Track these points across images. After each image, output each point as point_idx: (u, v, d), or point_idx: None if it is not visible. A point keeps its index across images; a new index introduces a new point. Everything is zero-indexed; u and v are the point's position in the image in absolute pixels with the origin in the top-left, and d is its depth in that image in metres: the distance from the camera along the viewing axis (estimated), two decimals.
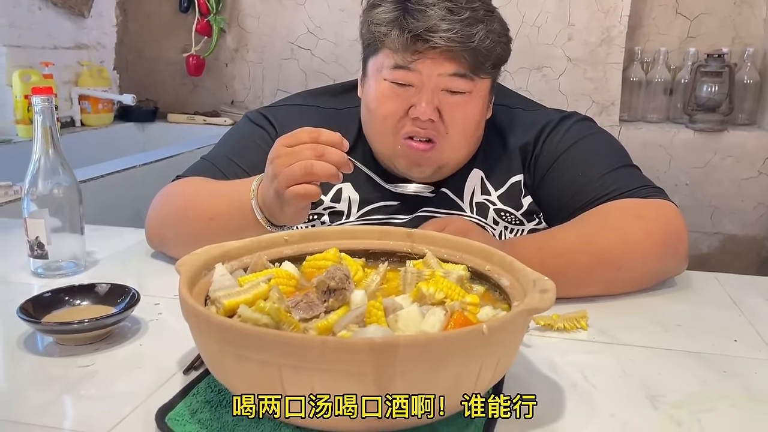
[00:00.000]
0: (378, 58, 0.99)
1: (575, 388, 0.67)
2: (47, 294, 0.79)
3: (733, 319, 0.86)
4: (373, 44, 0.99)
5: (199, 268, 0.65)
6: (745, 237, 2.34)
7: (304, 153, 0.82)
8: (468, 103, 0.98)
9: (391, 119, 0.99)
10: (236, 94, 2.74)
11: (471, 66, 0.95)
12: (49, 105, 0.92)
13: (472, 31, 0.93)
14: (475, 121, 1.00)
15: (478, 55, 0.94)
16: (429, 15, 0.92)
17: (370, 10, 0.99)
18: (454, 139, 0.99)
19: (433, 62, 0.94)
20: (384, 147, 1.03)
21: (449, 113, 0.97)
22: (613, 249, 0.89)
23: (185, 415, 0.59)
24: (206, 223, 0.94)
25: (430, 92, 0.96)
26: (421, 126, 0.97)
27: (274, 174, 0.84)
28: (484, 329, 0.51)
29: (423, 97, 0.96)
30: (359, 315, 0.59)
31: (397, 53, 0.95)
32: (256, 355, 0.51)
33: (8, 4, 2.16)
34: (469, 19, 0.93)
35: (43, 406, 0.63)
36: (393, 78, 0.97)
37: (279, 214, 0.88)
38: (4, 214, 1.32)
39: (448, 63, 0.94)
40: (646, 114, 2.44)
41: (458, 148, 1.01)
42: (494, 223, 1.06)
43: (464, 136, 1.00)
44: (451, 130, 0.98)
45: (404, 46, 0.94)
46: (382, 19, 0.96)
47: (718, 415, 0.63)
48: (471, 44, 0.93)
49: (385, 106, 0.98)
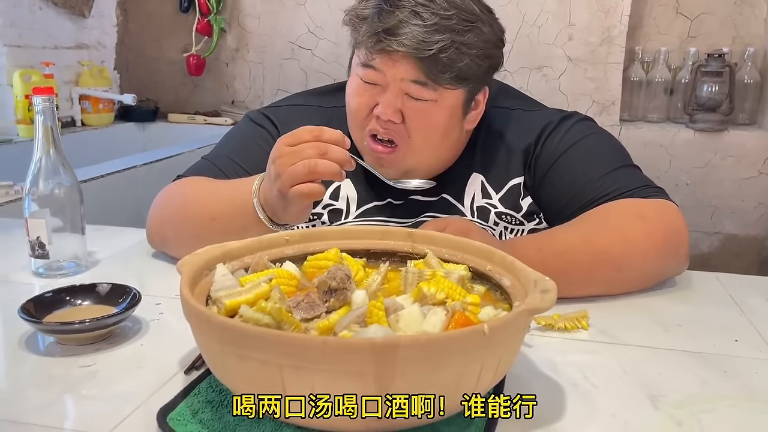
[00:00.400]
0: (356, 54, 1.01)
1: (576, 388, 0.67)
2: (48, 294, 0.79)
3: (733, 319, 0.86)
4: (353, 39, 1.00)
5: (201, 268, 0.65)
6: (746, 237, 2.34)
7: (306, 152, 0.82)
8: (431, 111, 0.96)
9: (359, 114, 1.00)
10: (237, 94, 2.74)
11: (427, 74, 0.93)
12: (50, 105, 0.92)
13: (431, 38, 0.90)
14: (440, 130, 0.99)
15: (436, 64, 0.92)
16: (393, 16, 0.92)
17: (357, 3, 1.00)
18: (416, 144, 0.98)
19: (395, 64, 0.94)
20: (356, 140, 1.03)
21: (411, 118, 0.97)
22: (614, 249, 0.89)
23: (186, 415, 0.59)
24: (208, 223, 0.94)
25: (392, 94, 0.95)
26: (383, 126, 0.97)
27: (276, 173, 0.84)
28: (486, 329, 0.51)
29: (384, 98, 0.96)
30: (360, 315, 0.59)
31: (361, 50, 0.97)
32: (258, 355, 0.51)
33: (9, 3, 2.16)
34: (435, 26, 0.91)
35: (44, 406, 0.63)
36: (361, 74, 0.98)
37: (282, 213, 0.88)
38: (5, 214, 1.32)
39: (407, 68, 0.93)
40: (647, 114, 2.44)
41: (422, 155, 1.00)
42: (494, 225, 1.06)
43: (427, 143, 0.99)
44: (413, 134, 0.98)
45: (367, 45, 0.94)
46: (359, 14, 0.97)
47: (718, 415, 0.63)
48: (428, 52, 0.90)
49: (354, 101, 1.00)
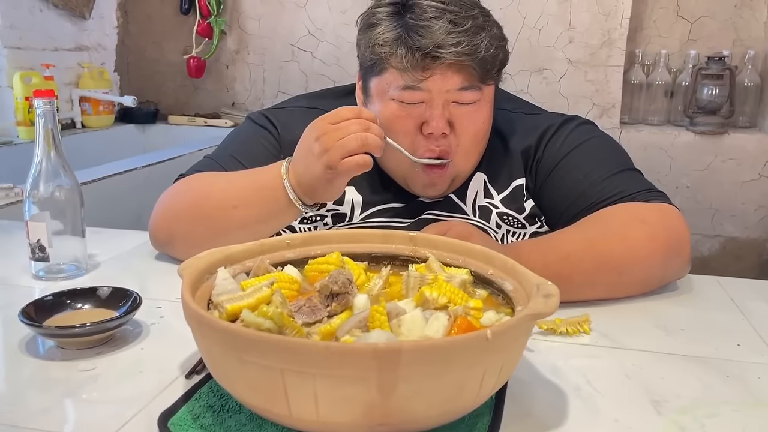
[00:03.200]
0: (383, 78, 0.96)
1: (578, 392, 0.67)
2: (49, 297, 0.79)
3: (735, 323, 0.86)
4: (377, 65, 0.96)
5: (202, 272, 0.65)
6: (746, 240, 2.34)
7: (352, 127, 0.85)
8: (477, 111, 0.98)
9: (405, 140, 0.97)
10: (237, 96, 2.74)
11: (479, 76, 0.94)
12: (51, 108, 0.92)
13: (478, 41, 0.92)
14: (484, 128, 1.01)
15: (485, 64, 0.94)
16: (433, 30, 0.91)
17: (369, 30, 0.97)
18: (465, 148, 0.99)
19: (442, 78, 0.93)
20: (399, 168, 1.02)
21: (460, 124, 0.97)
22: (616, 253, 0.89)
23: (188, 420, 0.58)
24: (229, 211, 0.93)
25: (440, 107, 0.95)
26: (435, 143, 0.97)
27: (324, 148, 0.85)
28: (488, 334, 0.51)
29: (434, 113, 0.95)
30: (362, 319, 0.59)
31: (405, 72, 0.93)
32: (259, 360, 0.51)
33: (9, 5, 2.16)
34: (473, 29, 0.92)
35: (44, 411, 0.62)
36: (402, 98, 0.95)
37: (323, 190, 0.89)
38: (5, 216, 1.32)
39: (457, 76, 0.93)
40: (647, 116, 2.44)
41: (469, 157, 1.02)
42: (496, 227, 1.05)
43: (474, 144, 1.01)
44: (462, 140, 0.98)
45: (413, 64, 0.92)
46: (384, 39, 0.94)
47: (721, 420, 0.63)
48: (479, 54, 0.92)
49: (397, 126, 0.97)
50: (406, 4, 0.94)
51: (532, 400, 0.65)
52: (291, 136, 1.10)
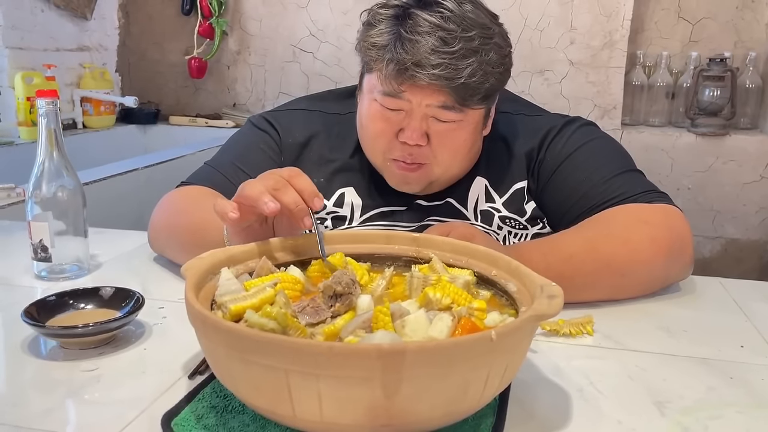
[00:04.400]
0: (371, 78, 0.98)
1: (581, 393, 0.66)
2: (51, 297, 0.79)
3: (738, 324, 0.86)
4: (367, 64, 0.98)
5: (205, 272, 0.65)
6: (747, 241, 2.34)
7: (255, 186, 0.74)
8: (457, 131, 0.97)
9: (381, 140, 0.99)
10: (238, 97, 2.74)
11: (458, 100, 0.93)
12: (54, 108, 0.92)
13: (460, 65, 0.89)
14: (465, 147, 0.99)
15: (466, 90, 0.92)
16: (419, 46, 0.89)
17: (367, 28, 0.97)
18: (442, 161, 0.99)
19: (422, 92, 0.92)
20: (375, 161, 1.04)
21: (437, 139, 0.96)
22: (618, 255, 0.89)
23: (191, 421, 0.58)
24: (190, 235, 0.93)
25: (418, 119, 0.95)
26: (408, 152, 0.97)
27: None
28: (493, 336, 0.51)
29: (411, 124, 0.95)
30: (366, 320, 0.59)
31: (385, 81, 0.93)
32: (263, 361, 0.51)
33: (11, 6, 2.17)
34: (462, 51, 0.90)
35: (46, 411, 0.62)
36: (383, 103, 0.96)
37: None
38: (6, 217, 1.32)
39: (436, 95, 0.92)
40: (648, 118, 2.44)
41: (448, 168, 1.01)
42: (498, 229, 1.05)
43: (454, 159, 1.00)
44: (439, 153, 0.98)
45: (391, 75, 0.92)
46: (375, 42, 0.94)
47: (725, 422, 0.62)
48: (458, 80, 0.90)
49: (375, 127, 0.98)
50: (406, 13, 0.93)
51: (536, 402, 0.65)
52: (292, 138, 1.10)
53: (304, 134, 1.10)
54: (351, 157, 1.09)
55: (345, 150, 1.09)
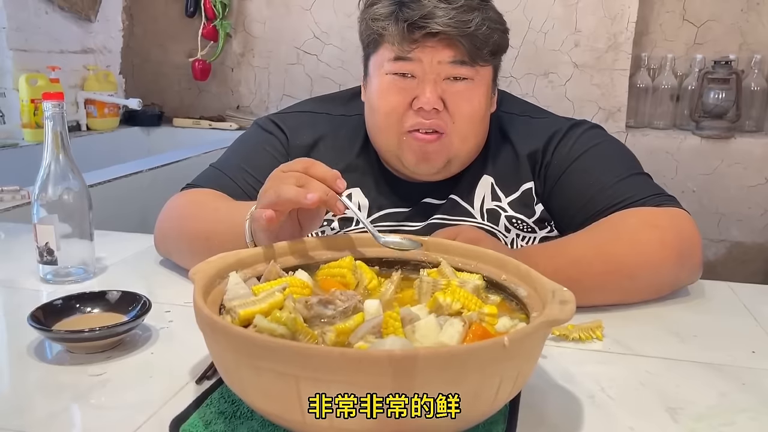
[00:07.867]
0: (378, 54, 0.99)
1: (593, 399, 0.66)
2: (58, 301, 0.78)
3: (749, 329, 0.85)
4: (373, 41, 1.00)
5: (213, 277, 0.64)
6: (752, 244, 2.33)
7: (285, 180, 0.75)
8: (472, 90, 0.98)
9: (395, 113, 0.99)
10: (242, 99, 2.74)
11: (469, 52, 0.95)
12: (60, 110, 0.92)
13: (468, 17, 0.94)
14: (480, 110, 1.00)
15: (475, 41, 0.95)
16: (424, 4, 0.93)
17: (368, 8, 1.00)
18: (460, 129, 0.99)
19: (433, 50, 0.95)
20: (389, 143, 1.02)
21: (454, 102, 0.97)
22: (627, 258, 0.88)
23: (199, 426, 0.58)
24: (202, 242, 0.91)
25: (432, 82, 0.96)
26: (426, 117, 0.97)
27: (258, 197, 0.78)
28: (506, 341, 0.50)
29: (426, 87, 0.96)
30: (376, 325, 0.58)
31: (395, 45, 0.96)
32: (274, 367, 0.50)
33: (15, 8, 2.16)
34: (464, 7, 0.94)
35: (52, 416, 0.62)
36: (394, 69, 0.97)
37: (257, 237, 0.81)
38: (11, 219, 1.31)
39: (447, 50, 0.95)
40: (653, 120, 2.44)
41: (466, 139, 1.01)
42: (506, 231, 1.05)
43: (471, 126, 1.00)
44: (458, 119, 0.98)
45: (402, 36, 0.94)
46: (379, 14, 0.97)
47: (738, 428, 0.62)
48: (468, 29, 0.93)
49: (389, 100, 0.99)
50: None
51: (547, 407, 0.64)
52: (299, 140, 1.10)
53: (312, 136, 1.10)
54: (357, 157, 1.09)
55: (352, 151, 1.09)
